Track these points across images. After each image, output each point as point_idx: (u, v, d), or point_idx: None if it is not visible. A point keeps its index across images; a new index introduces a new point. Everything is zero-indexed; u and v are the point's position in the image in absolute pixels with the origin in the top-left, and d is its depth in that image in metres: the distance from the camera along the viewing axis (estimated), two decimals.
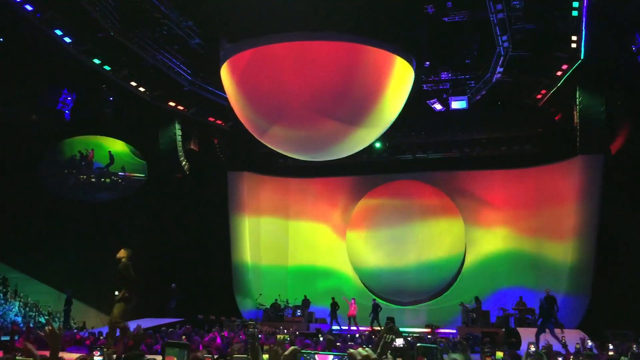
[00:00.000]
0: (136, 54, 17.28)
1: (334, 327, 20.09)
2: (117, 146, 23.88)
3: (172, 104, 20.41)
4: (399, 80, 15.21)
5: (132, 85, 18.90)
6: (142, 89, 19.21)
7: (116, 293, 9.86)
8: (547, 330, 15.49)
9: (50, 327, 4.04)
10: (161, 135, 22.74)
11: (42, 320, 19.10)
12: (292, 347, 3.93)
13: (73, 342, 11.65)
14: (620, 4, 15.18)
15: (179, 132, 22.63)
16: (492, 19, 14.82)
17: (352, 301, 20.64)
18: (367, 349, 3.32)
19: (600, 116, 18.93)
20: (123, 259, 10.07)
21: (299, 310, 21.36)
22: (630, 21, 15.55)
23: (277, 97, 14.57)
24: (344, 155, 17.25)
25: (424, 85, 19.28)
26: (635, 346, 12.07)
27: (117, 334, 9.59)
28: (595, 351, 13.18)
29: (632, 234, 18.33)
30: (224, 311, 20.34)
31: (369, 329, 19.15)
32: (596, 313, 18.39)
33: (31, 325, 17.74)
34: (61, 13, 15.70)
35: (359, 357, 3.19)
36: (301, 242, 25.03)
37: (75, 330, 15.45)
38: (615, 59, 17.15)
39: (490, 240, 22.98)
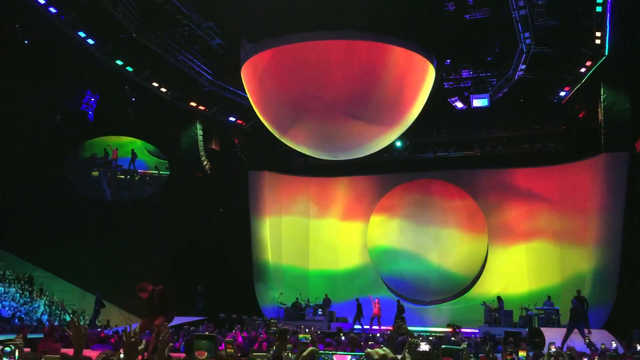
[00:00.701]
0: (158, 55, 17.45)
1: (356, 327, 20.06)
2: (136, 145, 24.11)
3: (193, 104, 20.55)
4: (419, 78, 15.14)
5: (153, 86, 19.07)
6: (163, 90, 19.39)
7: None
8: (576, 331, 15.24)
9: (75, 323, 4.06)
10: (182, 135, 22.91)
11: (67, 318, 19.38)
12: (310, 348, 3.97)
13: (98, 340, 11.80)
14: None
15: (200, 132, 22.78)
16: (514, 15, 14.66)
17: (376, 301, 20.59)
18: (384, 348, 3.32)
19: (625, 113, 18.64)
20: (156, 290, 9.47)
21: (320, 309, 21.36)
22: None
23: (298, 97, 14.60)
24: (365, 154, 17.22)
25: (445, 84, 19.15)
26: None
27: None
28: (621, 351, 13.01)
29: None
30: (245, 310, 20.46)
31: (390, 328, 19.08)
32: (622, 313, 18.11)
33: (56, 323, 18.01)
34: (84, 15, 15.92)
35: (376, 357, 3.20)
36: (322, 242, 25.05)
37: (99, 329, 15.64)
38: None
39: (513, 239, 22.74)
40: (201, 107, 20.90)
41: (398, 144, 22.20)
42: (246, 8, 14.66)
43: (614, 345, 13.83)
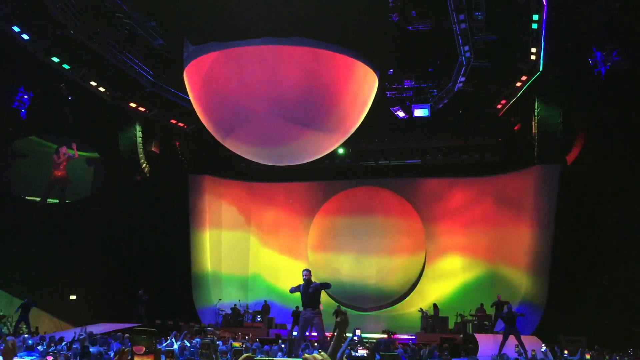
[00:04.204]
0: (96, 53, 16.90)
1: (295, 333, 19.98)
2: None
3: (133, 105, 20.04)
4: (362, 86, 15.29)
5: (91, 85, 18.48)
6: (102, 89, 18.80)
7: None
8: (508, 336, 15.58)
9: (9, 344, 3.97)
10: (121, 137, 22.29)
11: None
12: (245, 354, 3.93)
13: (25, 348, 11.29)
14: (577, 18, 15.59)
15: (139, 134, 22.22)
16: (455, 29, 15.04)
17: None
18: (322, 353, 3.31)
19: (557, 127, 19.38)
20: None
21: (258, 316, 21.19)
22: (587, 35, 15.98)
23: (241, 101, 14.47)
24: (307, 161, 17.24)
25: (388, 93, 19.44)
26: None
27: None
28: (550, 357, 13.47)
29: (585, 242, 18.80)
30: (183, 316, 20.10)
31: (330, 334, 19.10)
32: (550, 320, 18.78)
33: None
34: (19, 9, 15.25)
35: None
36: (262, 250, 25.06)
37: (27, 336, 14.97)
38: (573, 72, 17.60)
39: (450, 246, 23.28)
40: (141, 108, 20.42)
41: (340, 151, 22.38)
42: (190, 10, 14.45)
43: (544, 348, 14.32)
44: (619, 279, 17.53)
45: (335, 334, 4.33)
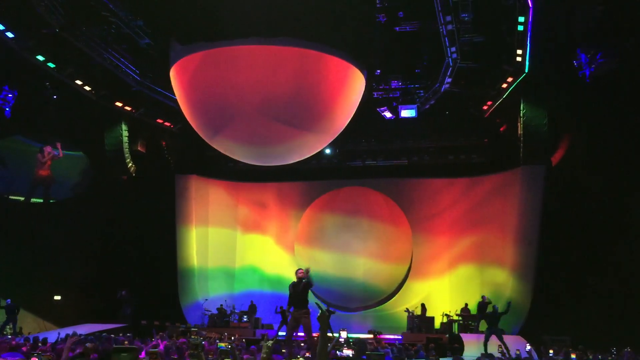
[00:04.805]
0: (82, 52, 16.78)
1: (281, 333, 19.95)
2: None
3: (119, 104, 19.92)
4: (350, 87, 15.30)
5: (77, 84, 18.34)
6: (87, 88, 18.66)
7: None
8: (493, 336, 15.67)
9: None
10: (107, 136, 22.13)
11: None
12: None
13: (8, 348, 11.17)
14: (562, 21, 15.74)
15: (125, 133, 22.09)
16: (441, 30, 15.11)
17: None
18: (300, 359, 3.33)
19: (542, 128, 19.50)
20: None
21: (245, 316, 21.14)
22: (572, 38, 16.14)
23: (227, 101, 14.42)
24: (294, 161, 17.22)
25: (375, 93, 19.49)
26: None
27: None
28: (535, 356, 13.58)
29: (570, 242, 18.95)
30: (169, 317, 19.99)
31: (317, 334, 19.07)
32: (536, 320, 18.91)
33: None
34: (4, 7, 15.11)
35: None
36: (249, 248, 25.02)
37: (9, 337, 14.83)
38: (558, 73, 17.75)
39: (436, 246, 23.35)
40: (127, 108, 20.29)
41: (327, 151, 22.40)
42: (177, 9, 14.38)
43: (528, 348, 14.43)
44: (603, 279, 17.68)
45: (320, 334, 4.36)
